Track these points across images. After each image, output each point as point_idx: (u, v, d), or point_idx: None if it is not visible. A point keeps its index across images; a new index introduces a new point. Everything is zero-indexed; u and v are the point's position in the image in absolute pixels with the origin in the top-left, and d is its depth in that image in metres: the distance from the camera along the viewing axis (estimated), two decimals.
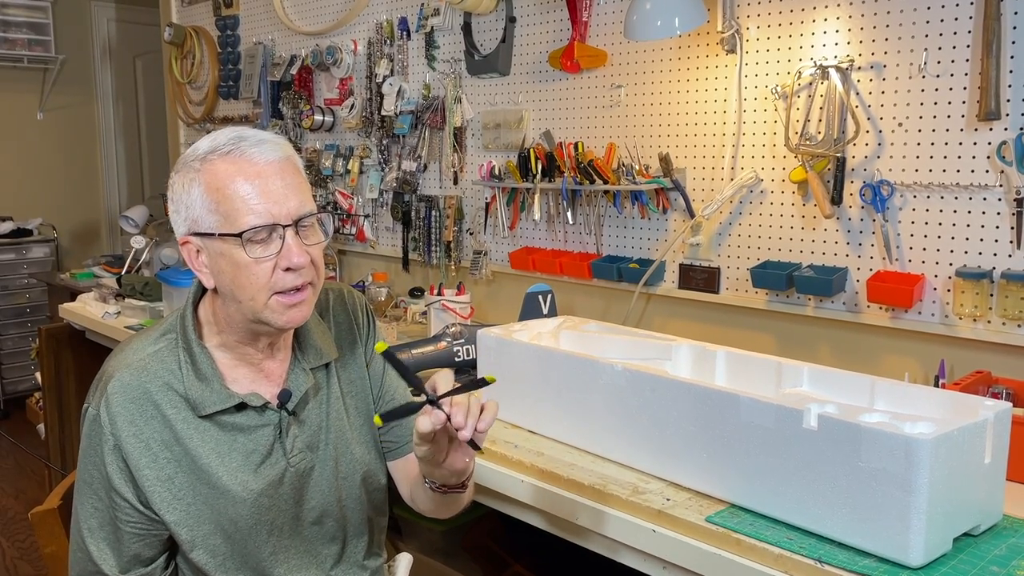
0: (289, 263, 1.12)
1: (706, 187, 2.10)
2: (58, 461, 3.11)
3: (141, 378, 1.17)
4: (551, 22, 2.40)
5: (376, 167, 3.05)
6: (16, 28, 5.10)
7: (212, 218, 1.12)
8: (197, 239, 1.15)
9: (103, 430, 1.15)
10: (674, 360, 1.58)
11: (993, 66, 1.59)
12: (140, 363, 1.18)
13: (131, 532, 1.18)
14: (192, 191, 1.13)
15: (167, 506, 1.17)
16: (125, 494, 1.16)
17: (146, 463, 1.16)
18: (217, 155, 1.12)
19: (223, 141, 1.13)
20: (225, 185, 1.11)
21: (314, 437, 1.26)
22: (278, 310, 1.15)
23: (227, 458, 1.19)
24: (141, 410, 1.16)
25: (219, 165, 1.12)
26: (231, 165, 1.11)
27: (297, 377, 1.25)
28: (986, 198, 1.66)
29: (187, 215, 1.14)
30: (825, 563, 1.11)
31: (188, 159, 1.15)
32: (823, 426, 1.16)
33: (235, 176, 1.11)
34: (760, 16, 1.96)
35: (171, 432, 1.17)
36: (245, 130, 1.15)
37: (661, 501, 1.30)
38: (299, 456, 1.24)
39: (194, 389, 1.17)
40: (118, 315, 2.79)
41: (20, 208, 5.16)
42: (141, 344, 1.21)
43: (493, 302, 2.69)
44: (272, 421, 1.22)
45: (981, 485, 1.18)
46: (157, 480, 1.16)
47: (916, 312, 1.77)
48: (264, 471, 1.21)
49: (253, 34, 3.59)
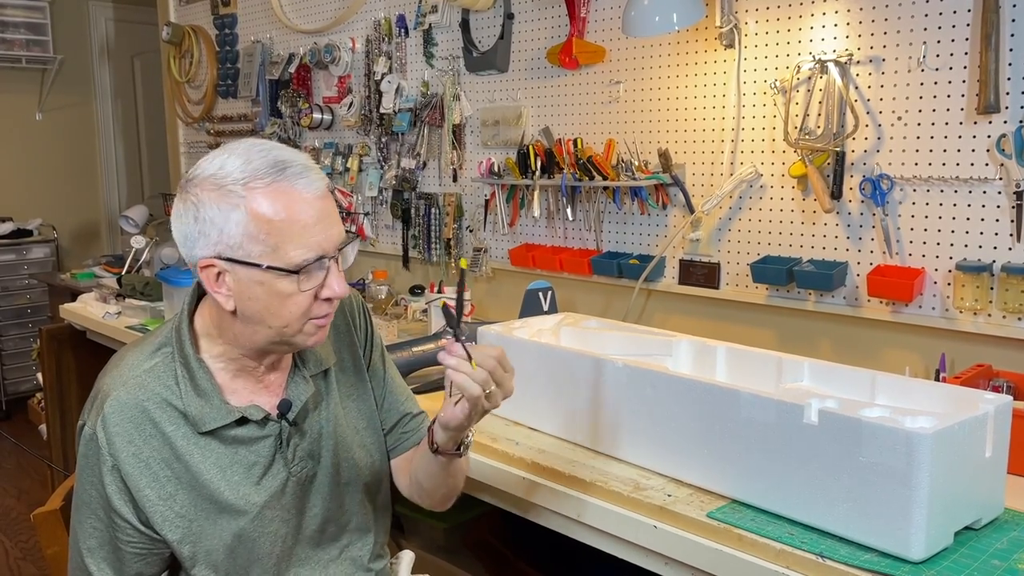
0: (332, 293, 1.12)
1: (706, 182, 2.10)
2: (60, 461, 3.12)
3: (138, 396, 1.14)
4: (549, 18, 2.40)
5: (375, 165, 3.05)
6: (14, 28, 5.10)
7: (256, 248, 1.07)
8: (225, 263, 1.09)
9: (100, 450, 1.13)
10: (675, 356, 1.58)
11: (992, 59, 1.59)
12: (136, 380, 1.15)
13: (132, 552, 1.16)
14: (231, 216, 1.07)
15: (169, 524, 1.15)
16: (125, 514, 1.14)
17: (146, 483, 1.14)
18: (262, 184, 1.07)
19: (262, 167, 1.07)
20: (277, 218, 1.07)
21: (315, 445, 1.25)
22: (310, 332, 1.14)
23: (228, 472, 1.17)
24: (139, 429, 1.13)
25: (267, 195, 1.07)
26: (281, 197, 1.07)
27: (297, 386, 1.23)
28: (986, 191, 1.66)
29: (219, 239, 1.08)
30: (826, 558, 1.11)
31: (223, 181, 1.07)
32: (824, 421, 1.16)
33: (286, 209, 1.07)
34: (758, 11, 1.95)
35: (171, 449, 1.15)
36: (280, 152, 1.10)
37: (662, 497, 1.30)
38: (300, 465, 1.23)
39: (193, 405, 1.15)
40: (119, 315, 2.79)
41: (20, 209, 5.16)
42: (136, 359, 1.18)
43: (493, 299, 2.69)
44: (273, 432, 1.20)
45: (982, 479, 1.18)
46: (159, 499, 1.14)
47: (916, 306, 1.77)
48: (266, 483, 1.20)
49: (251, 33, 3.59)
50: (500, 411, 1.65)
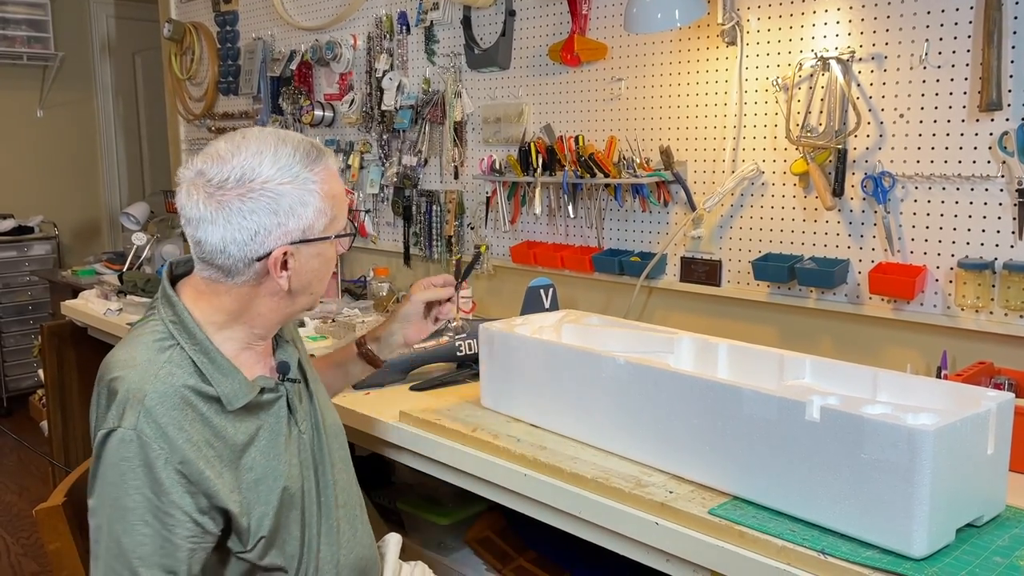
0: (345, 250, 1.31)
1: (707, 180, 2.10)
2: (61, 458, 3.11)
3: (173, 384, 1.16)
4: (551, 15, 2.40)
5: (376, 162, 3.04)
6: (15, 25, 5.10)
7: (323, 221, 1.22)
8: (295, 247, 1.20)
9: (148, 446, 1.11)
10: (676, 353, 1.58)
11: (994, 56, 1.58)
12: (164, 372, 1.16)
13: (188, 548, 1.14)
14: (309, 201, 1.19)
15: (230, 501, 1.17)
16: (184, 506, 1.13)
17: (204, 464, 1.15)
18: (320, 164, 1.21)
19: (305, 153, 1.20)
20: (334, 191, 1.23)
21: (309, 402, 1.35)
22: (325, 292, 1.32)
23: (259, 441, 1.23)
24: (184, 414, 1.15)
25: (324, 177, 1.21)
26: (329, 176, 1.22)
27: (284, 350, 1.34)
28: (988, 189, 1.65)
29: (297, 225, 1.19)
30: (828, 555, 1.11)
31: (290, 174, 1.17)
32: (825, 418, 1.16)
33: (335, 181, 1.24)
34: (760, 8, 1.95)
35: (211, 430, 1.18)
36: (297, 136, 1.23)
37: (664, 494, 1.30)
38: (305, 424, 1.32)
39: (222, 386, 1.19)
40: (120, 312, 2.79)
41: (21, 206, 5.16)
42: (150, 356, 1.18)
43: (495, 296, 2.69)
44: (282, 394, 1.29)
45: (984, 476, 1.18)
46: (215, 477, 1.16)
47: (918, 303, 1.77)
48: (291, 447, 1.27)
49: (252, 30, 3.58)
50: (501, 408, 1.66)
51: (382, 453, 1.77)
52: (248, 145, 1.18)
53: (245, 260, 1.18)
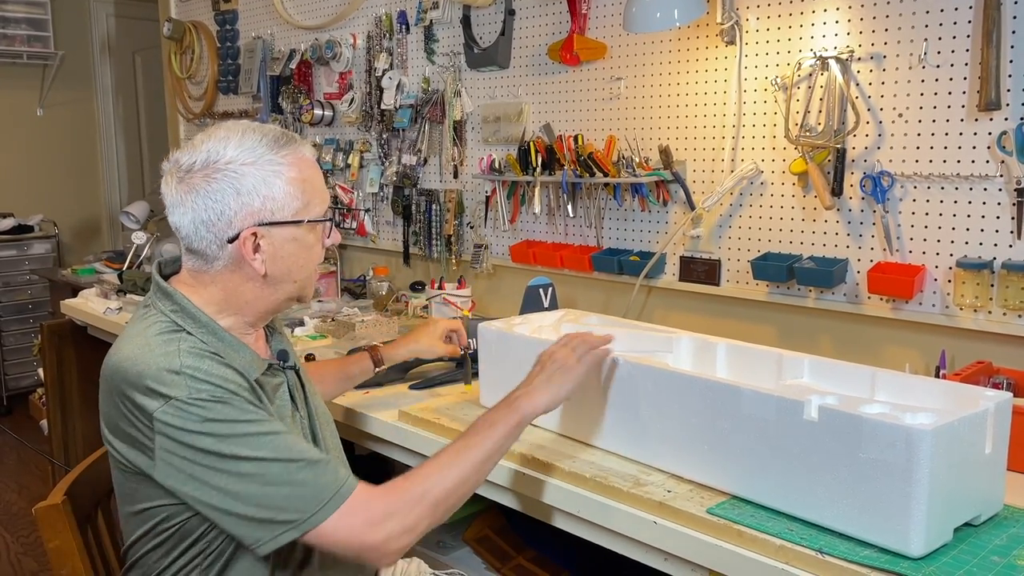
0: (334, 240, 1.31)
1: (706, 179, 2.10)
2: (61, 457, 3.12)
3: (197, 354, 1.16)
4: (550, 15, 2.40)
5: (376, 161, 3.04)
6: (15, 24, 5.09)
7: (294, 205, 1.22)
8: (265, 228, 1.20)
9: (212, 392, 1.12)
10: (675, 352, 1.59)
11: (993, 56, 1.59)
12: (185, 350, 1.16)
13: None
14: (274, 182, 1.20)
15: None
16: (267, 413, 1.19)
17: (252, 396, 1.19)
18: (287, 149, 1.22)
19: (274, 139, 1.22)
20: (304, 176, 1.23)
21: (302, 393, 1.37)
22: (315, 282, 1.33)
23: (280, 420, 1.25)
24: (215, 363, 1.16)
25: (293, 161, 1.22)
26: (300, 161, 1.23)
27: (279, 341, 1.38)
28: (987, 188, 1.66)
29: (262, 206, 1.20)
30: (826, 554, 1.11)
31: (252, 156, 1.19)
32: (824, 417, 1.16)
33: (307, 168, 1.25)
34: (759, 7, 1.95)
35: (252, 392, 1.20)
36: (269, 127, 1.25)
37: (662, 493, 1.30)
38: (304, 411, 1.35)
39: (235, 360, 1.20)
40: (120, 311, 2.79)
41: (21, 205, 5.16)
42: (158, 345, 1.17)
43: (494, 296, 2.70)
44: (284, 380, 1.31)
45: (982, 475, 1.18)
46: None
47: (917, 303, 1.77)
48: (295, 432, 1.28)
49: (252, 29, 3.59)
50: None
51: (381, 452, 1.77)
52: (218, 132, 1.23)
53: (217, 242, 1.20)
